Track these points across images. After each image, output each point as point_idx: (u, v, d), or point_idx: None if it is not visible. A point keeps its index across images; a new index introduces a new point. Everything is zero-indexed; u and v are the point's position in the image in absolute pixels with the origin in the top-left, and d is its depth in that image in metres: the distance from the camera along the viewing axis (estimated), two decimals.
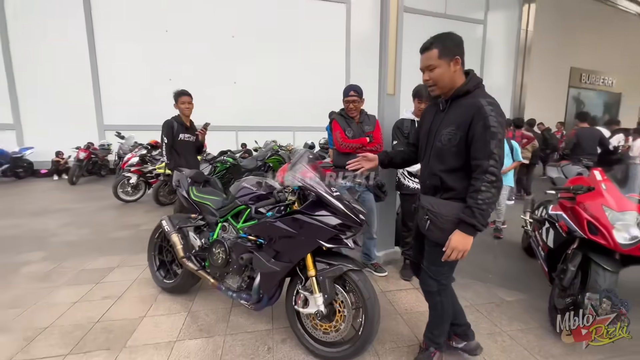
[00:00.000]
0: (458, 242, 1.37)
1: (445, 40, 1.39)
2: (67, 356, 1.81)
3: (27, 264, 3.08)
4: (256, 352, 1.85)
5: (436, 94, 1.48)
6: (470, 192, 1.36)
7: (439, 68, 1.39)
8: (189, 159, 3.32)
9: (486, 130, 1.30)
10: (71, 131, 9.32)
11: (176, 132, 3.22)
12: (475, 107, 1.35)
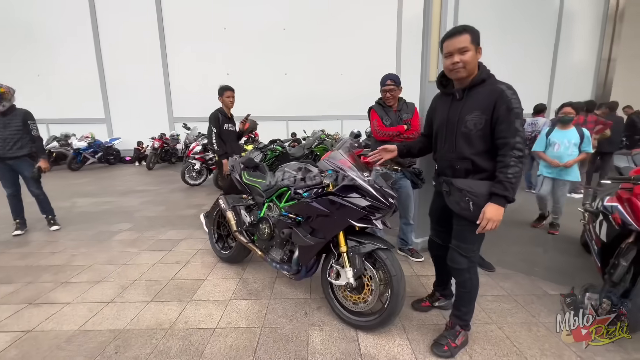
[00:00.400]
0: (492, 213, 1.47)
1: (473, 29, 1.51)
2: (150, 303, 2.29)
3: (119, 232, 3.81)
4: (295, 315, 2.12)
5: (461, 76, 1.54)
6: (500, 168, 1.47)
7: (470, 51, 1.49)
8: (233, 145, 3.70)
9: (510, 111, 1.43)
10: (148, 123, 10.72)
11: (221, 123, 3.58)
12: (497, 92, 1.45)
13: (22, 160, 3.62)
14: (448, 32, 1.54)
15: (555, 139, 3.44)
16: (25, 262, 2.99)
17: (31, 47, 10.52)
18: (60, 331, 1.98)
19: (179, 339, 1.89)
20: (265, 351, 1.78)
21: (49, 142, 9.08)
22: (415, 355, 1.74)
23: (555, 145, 3.43)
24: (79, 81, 10.74)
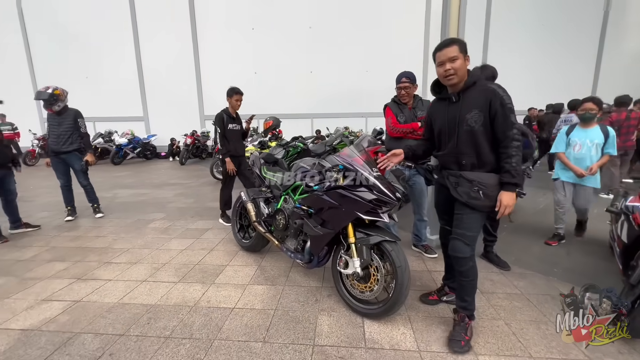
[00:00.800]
0: (507, 200, 1.62)
1: (460, 40, 1.71)
2: (177, 283, 2.54)
3: (153, 221, 4.17)
4: (306, 301, 2.26)
5: (454, 82, 1.69)
6: (505, 159, 1.63)
7: (459, 60, 1.65)
8: (236, 144, 3.86)
9: (504, 107, 1.60)
10: (181, 121, 11.38)
11: (226, 123, 3.77)
12: (490, 91, 1.61)
13: (73, 154, 4.07)
14: (439, 45, 1.72)
15: (577, 138, 2.99)
16: (75, 244, 3.40)
17: (81, 53, 11.54)
18: (102, 303, 2.27)
19: (202, 315, 2.11)
20: (276, 330, 1.94)
21: (95, 139, 9.95)
22: (418, 344, 1.82)
23: (576, 146, 2.99)
24: (121, 83, 11.64)
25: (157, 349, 1.79)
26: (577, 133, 3.03)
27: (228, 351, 1.77)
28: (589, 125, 2.99)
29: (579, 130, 3.03)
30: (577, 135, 3.01)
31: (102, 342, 1.86)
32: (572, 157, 3.03)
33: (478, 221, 1.74)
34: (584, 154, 2.96)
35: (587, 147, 2.93)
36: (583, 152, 2.95)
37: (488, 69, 2.57)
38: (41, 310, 2.18)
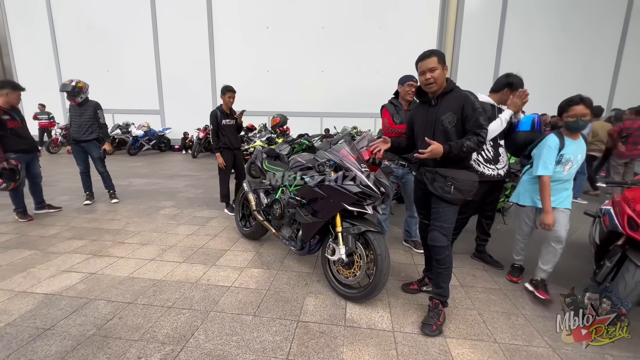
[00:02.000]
0: (436, 150, 1.79)
1: (439, 52, 1.88)
2: (182, 263, 2.78)
3: (163, 208, 4.45)
4: (297, 284, 2.47)
5: (434, 89, 1.88)
6: (463, 139, 1.82)
7: (438, 70, 1.84)
8: (232, 138, 4.10)
9: (475, 111, 1.80)
10: (196, 115, 11.74)
11: (220, 119, 3.99)
12: (463, 97, 1.81)
13: (92, 143, 4.39)
14: (420, 56, 1.91)
15: (570, 155, 2.17)
16: (92, 225, 3.70)
17: (102, 47, 12.06)
18: (115, 276, 2.53)
19: (201, 290, 2.34)
20: (266, 307, 2.15)
21: (113, 130, 10.42)
22: (393, 326, 1.99)
23: (567, 165, 2.18)
24: (139, 77, 12.10)
25: (160, 316, 2.03)
26: (568, 147, 2.19)
27: (222, 321, 1.99)
28: (577, 136, 2.23)
29: (568, 143, 2.20)
30: (570, 150, 2.18)
31: (113, 307, 2.11)
32: (558, 179, 2.22)
33: (453, 213, 1.93)
34: (572, 175, 2.24)
35: (577, 164, 2.23)
36: (572, 172, 2.23)
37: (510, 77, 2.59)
38: (62, 279, 2.46)
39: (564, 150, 2.19)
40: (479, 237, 3.02)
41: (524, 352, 1.79)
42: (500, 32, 11.11)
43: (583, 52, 11.06)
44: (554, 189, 2.20)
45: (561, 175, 2.22)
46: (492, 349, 1.80)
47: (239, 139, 4.36)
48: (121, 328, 1.90)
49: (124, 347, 1.74)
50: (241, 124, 4.26)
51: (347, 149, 2.26)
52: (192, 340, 1.81)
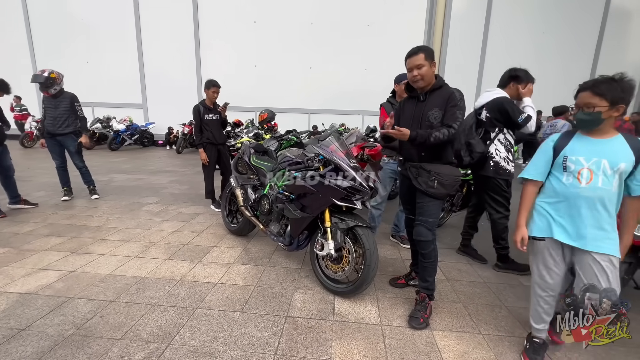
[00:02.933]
0: (404, 132, 1.82)
1: (427, 49, 1.89)
2: (167, 260, 2.71)
3: (147, 204, 4.33)
4: (285, 280, 2.45)
5: (421, 85, 1.90)
6: (434, 129, 1.83)
7: (425, 67, 1.85)
8: (215, 133, 4.02)
9: (454, 106, 1.83)
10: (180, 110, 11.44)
11: (202, 114, 3.92)
12: (448, 93, 1.85)
13: (68, 137, 4.20)
14: (408, 53, 1.91)
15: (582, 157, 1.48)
16: (70, 222, 3.56)
17: (82, 38, 11.56)
18: (95, 273, 2.44)
19: (187, 287, 2.29)
20: (254, 303, 2.13)
21: (93, 124, 10.03)
22: (381, 320, 2.01)
23: (583, 172, 1.47)
24: (121, 69, 11.68)
25: (144, 313, 1.97)
26: (580, 147, 1.50)
27: (208, 318, 1.95)
28: (600, 134, 1.49)
29: (581, 142, 1.51)
30: (581, 151, 1.49)
31: (94, 306, 2.03)
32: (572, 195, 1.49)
33: (437, 208, 1.96)
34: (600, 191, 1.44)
35: (606, 175, 1.43)
36: (599, 185, 1.44)
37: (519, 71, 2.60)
38: (38, 278, 2.35)
39: (568, 150, 1.50)
40: (467, 231, 3.06)
41: (506, 342, 1.85)
42: (484, 33, 11.36)
43: (562, 54, 11.46)
44: (570, 213, 1.50)
45: (576, 190, 1.47)
46: (477, 340, 1.85)
47: (223, 134, 4.27)
48: (102, 327, 1.83)
49: (105, 347, 1.68)
50: (225, 118, 4.17)
51: (337, 144, 2.26)
52: (178, 337, 1.77)
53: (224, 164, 4.15)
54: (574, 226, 1.51)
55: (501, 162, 2.59)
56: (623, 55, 12.20)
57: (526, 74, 2.59)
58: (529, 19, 11.40)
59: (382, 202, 3.09)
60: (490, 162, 2.61)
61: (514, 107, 2.50)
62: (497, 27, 11.31)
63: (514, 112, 2.48)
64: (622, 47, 12.12)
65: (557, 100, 5.74)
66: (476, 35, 11.28)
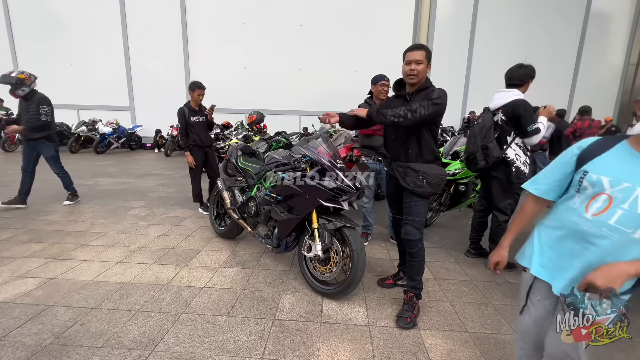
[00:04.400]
0: (362, 111, 1.95)
1: (427, 48, 1.90)
2: (152, 265, 2.66)
3: (132, 208, 4.24)
4: (273, 283, 2.43)
5: (413, 82, 1.90)
6: (397, 109, 1.81)
7: (423, 64, 1.85)
8: (202, 135, 3.94)
9: (430, 99, 1.80)
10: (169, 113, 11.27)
11: (188, 117, 3.84)
12: (431, 91, 1.87)
13: (40, 142, 3.97)
14: (410, 46, 1.91)
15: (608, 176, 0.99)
16: (52, 227, 3.46)
17: (66, 38, 11.30)
18: (77, 280, 2.37)
19: (172, 292, 2.24)
20: (241, 306, 2.10)
21: (78, 126, 9.80)
22: (369, 320, 2.00)
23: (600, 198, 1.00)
24: (107, 71, 11.46)
25: (127, 320, 1.92)
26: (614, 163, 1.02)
27: (194, 323, 1.91)
28: None
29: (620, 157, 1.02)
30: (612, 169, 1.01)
31: (75, 313, 1.97)
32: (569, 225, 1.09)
33: (424, 207, 1.97)
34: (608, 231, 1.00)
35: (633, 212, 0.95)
36: (611, 222, 0.99)
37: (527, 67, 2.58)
38: (16, 286, 2.27)
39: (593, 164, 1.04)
40: (478, 234, 3.02)
41: (492, 339, 1.86)
42: (471, 35, 11.56)
43: (546, 56, 11.74)
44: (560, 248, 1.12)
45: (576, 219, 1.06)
46: (463, 338, 1.86)
47: (210, 137, 4.21)
48: (83, 335, 1.78)
49: (85, 355, 1.62)
50: (212, 120, 4.11)
51: (324, 146, 2.25)
52: (162, 344, 1.73)
53: (210, 166, 4.10)
54: (554, 266, 1.13)
55: (521, 167, 2.56)
56: (603, 57, 12.60)
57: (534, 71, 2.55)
58: (513, 21, 11.67)
59: (369, 200, 3.12)
60: (512, 167, 2.56)
61: (529, 114, 2.47)
62: (483, 29, 11.53)
63: (525, 119, 2.47)
64: (602, 49, 12.51)
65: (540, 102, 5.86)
66: (463, 37, 11.48)
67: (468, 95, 11.91)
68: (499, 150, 2.54)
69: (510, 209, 2.70)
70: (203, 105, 4.04)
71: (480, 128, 2.68)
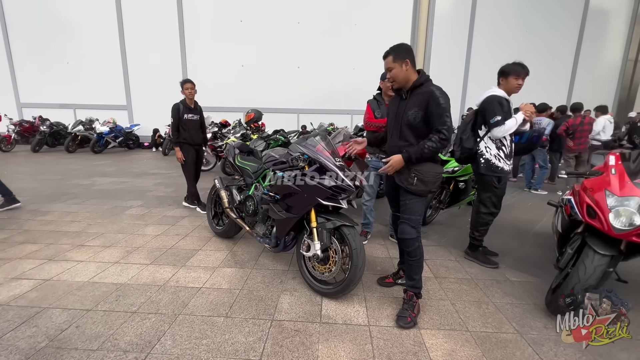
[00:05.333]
0: (396, 161, 1.87)
1: (397, 49, 1.88)
2: (149, 265, 2.62)
3: (130, 208, 4.21)
4: (271, 282, 2.40)
5: (396, 87, 1.93)
6: (424, 140, 1.83)
7: (395, 69, 1.87)
8: (193, 134, 3.93)
9: (439, 106, 1.78)
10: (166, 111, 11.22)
11: (182, 113, 3.85)
12: (428, 93, 1.81)
13: None
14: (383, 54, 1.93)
15: None
16: (48, 228, 3.42)
17: (62, 37, 11.21)
18: (73, 281, 2.34)
19: (169, 293, 2.21)
20: (239, 307, 2.07)
21: (75, 126, 9.73)
22: (368, 320, 1.98)
23: None
24: (104, 70, 11.37)
25: (123, 322, 1.89)
26: None
27: (191, 324, 1.88)
28: None
29: None
30: None
31: (70, 316, 1.94)
32: None
33: (420, 205, 1.95)
34: None
35: None
36: None
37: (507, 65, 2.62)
38: (10, 288, 2.23)
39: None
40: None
41: (494, 338, 1.84)
42: (469, 33, 11.52)
43: (545, 53, 11.72)
44: None
45: None
46: (464, 338, 1.84)
47: (201, 136, 4.13)
48: (78, 338, 1.75)
49: (80, 359, 1.59)
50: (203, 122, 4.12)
51: (323, 144, 2.22)
52: (158, 346, 1.70)
53: (196, 165, 4.07)
54: None
55: (492, 160, 2.61)
56: (602, 53, 12.59)
57: (513, 67, 2.57)
58: (512, 19, 11.63)
59: (372, 198, 3.09)
60: (480, 159, 2.64)
61: (492, 107, 2.53)
62: (482, 26, 11.48)
63: (489, 112, 2.55)
64: (601, 45, 12.49)
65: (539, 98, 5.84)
66: (462, 33, 11.43)
67: (467, 92, 11.89)
68: (471, 143, 2.67)
69: (491, 203, 2.73)
70: (199, 104, 4.01)
71: (463, 123, 2.85)
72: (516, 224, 3.93)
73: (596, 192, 1.89)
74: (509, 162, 2.65)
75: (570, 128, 5.49)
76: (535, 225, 3.93)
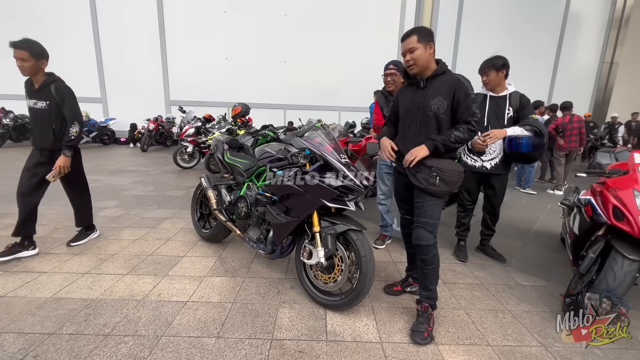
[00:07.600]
0: (418, 151, 1.65)
1: (421, 30, 1.71)
2: (126, 275, 2.30)
3: (104, 209, 3.81)
4: (267, 293, 2.14)
5: (415, 72, 1.72)
6: (451, 129, 1.67)
7: (419, 50, 1.66)
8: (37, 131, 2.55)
9: (467, 96, 1.65)
10: (145, 105, 10.62)
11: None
12: (455, 80, 1.65)
13: None
14: (403, 35, 1.73)
15: None
16: (7, 233, 2.98)
17: (31, 25, 10.32)
18: (32, 298, 1.99)
19: (150, 309, 1.91)
20: (232, 324, 1.81)
21: None
22: (380, 336, 1.77)
23: None
24: (75, 59, 10.57)
25: (93, 348, 1.59)
26: None
27: (176, 348, 1.61)
28: None
29: None
30: None
31: (27, 342, 1.61)
32: None
33: (438, 208, 1.76)
34: None
35: None
36: None
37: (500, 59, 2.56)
38: None
39: None
40: (483, 232, 2.91)
41: (518, 353, 1.68)
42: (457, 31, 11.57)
43: (528, 53, 11.95)
44: None
45: None
46: (487, 354, 1.66)
47: (52, 138, 2.58)
48: None
49: None
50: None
51: (323, 137, 1.98)
52: None
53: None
54: None
55: (460, 154, 2.68)
56: (580, 55, 13.00)
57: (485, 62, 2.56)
58: (497, 18, 11.78)
59: (388, 197, 2.90)
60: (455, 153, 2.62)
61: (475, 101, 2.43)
62: (469, 25, 11.56)
63: None
64: (579, 48, 12.90)
65: None
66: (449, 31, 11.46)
67: None
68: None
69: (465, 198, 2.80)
70: (63, 84, 2.61)
71: None
72: (514, 224, 3.84)
73: (623, 192, 1.76)
74: (473, 156, 2.62)
75: (560, 127, 5.53)
76: (533, 224, 3.87)
